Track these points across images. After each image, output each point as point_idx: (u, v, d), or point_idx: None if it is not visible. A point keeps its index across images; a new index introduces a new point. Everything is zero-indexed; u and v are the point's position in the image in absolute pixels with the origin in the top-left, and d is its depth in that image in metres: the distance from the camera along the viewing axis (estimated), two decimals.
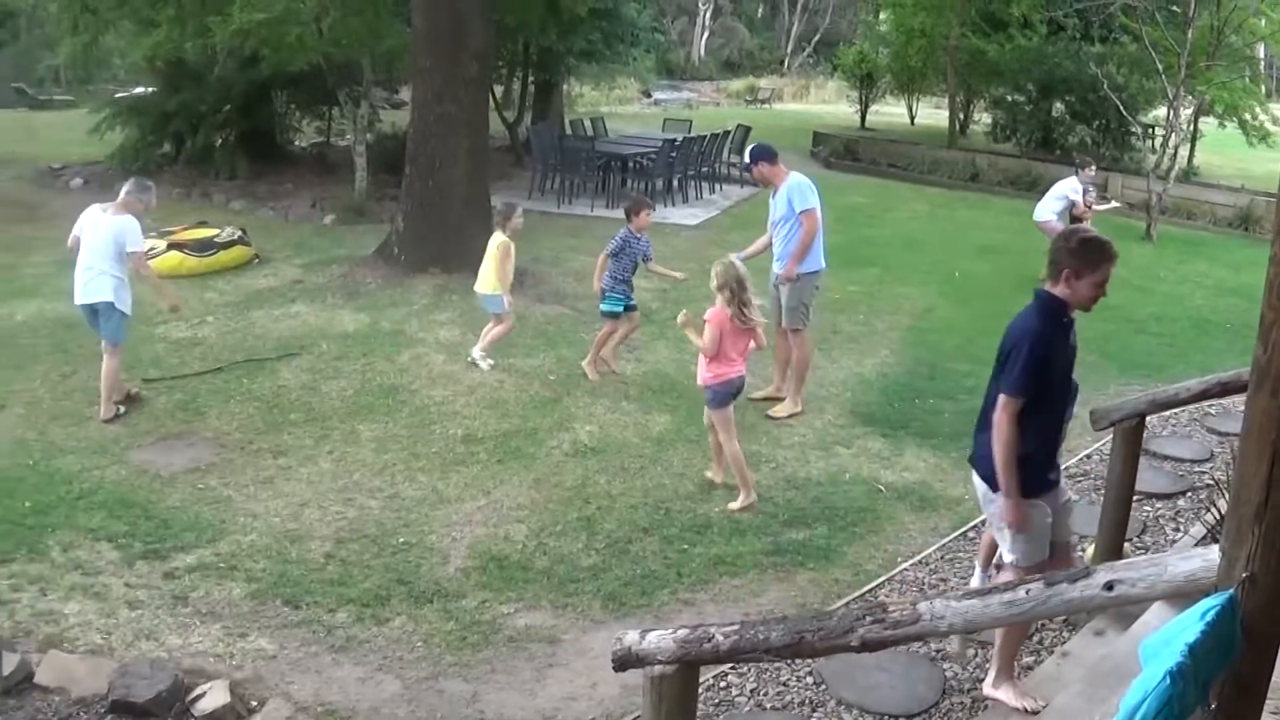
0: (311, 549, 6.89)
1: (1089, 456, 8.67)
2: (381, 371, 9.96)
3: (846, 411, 9.63)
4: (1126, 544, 6.51)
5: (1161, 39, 20.40)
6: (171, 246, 13.15)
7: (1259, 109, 23.15)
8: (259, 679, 5.56)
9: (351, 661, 5.76)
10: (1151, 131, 26.14)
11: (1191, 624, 2.85)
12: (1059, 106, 26.87)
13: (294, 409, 9.14)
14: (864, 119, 34.37)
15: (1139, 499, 7.14)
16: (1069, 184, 15.02)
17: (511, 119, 24.27)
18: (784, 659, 4.93)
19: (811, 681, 5.49)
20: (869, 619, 3.32)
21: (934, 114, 34.78)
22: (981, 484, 5.16)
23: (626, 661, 3.55)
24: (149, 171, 17.91)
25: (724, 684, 5.48)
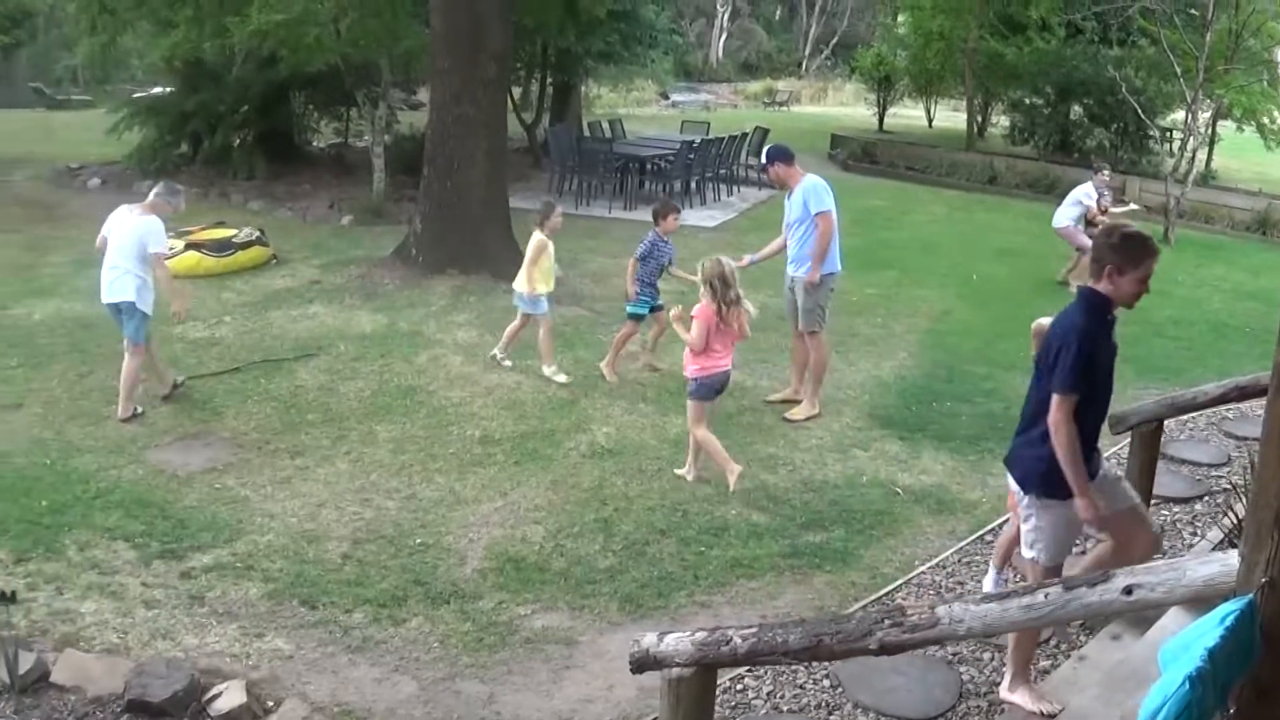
0: (328, 549, 6.90)
1: (1106, 460, 8.61)
2: (399, 372, 9.98)
3: (864, 414, 9.61)
4: None
5: (1180, 42, 20.34)
6: (189, 246, 13.20)
7: (1277, 113, 23.07)
8: (275, 679, 5.56)
9: (368, 662, 5.76)
10: (1169, 135, 26.06)
11: (1211, 629, 2.85)
12: (1077, 109, 26.79)
13: (311, 409, 9.16)
14: (882, 121, 34.37)
15: (1156, 503, 7.12)
16: (1084, 189, 14.99)
17: (530, 120, 24.34)
18: (802, 662, 4.93)
19: (828, 684, 5.47)
20: (887, 622, 3.33)
21: (952, 116, 34.66)
22: (1014, 485, 5.16)
23: (644, 664, 3.56)
24: (167, 172, 18.06)
25: (740, 686, 5.47)
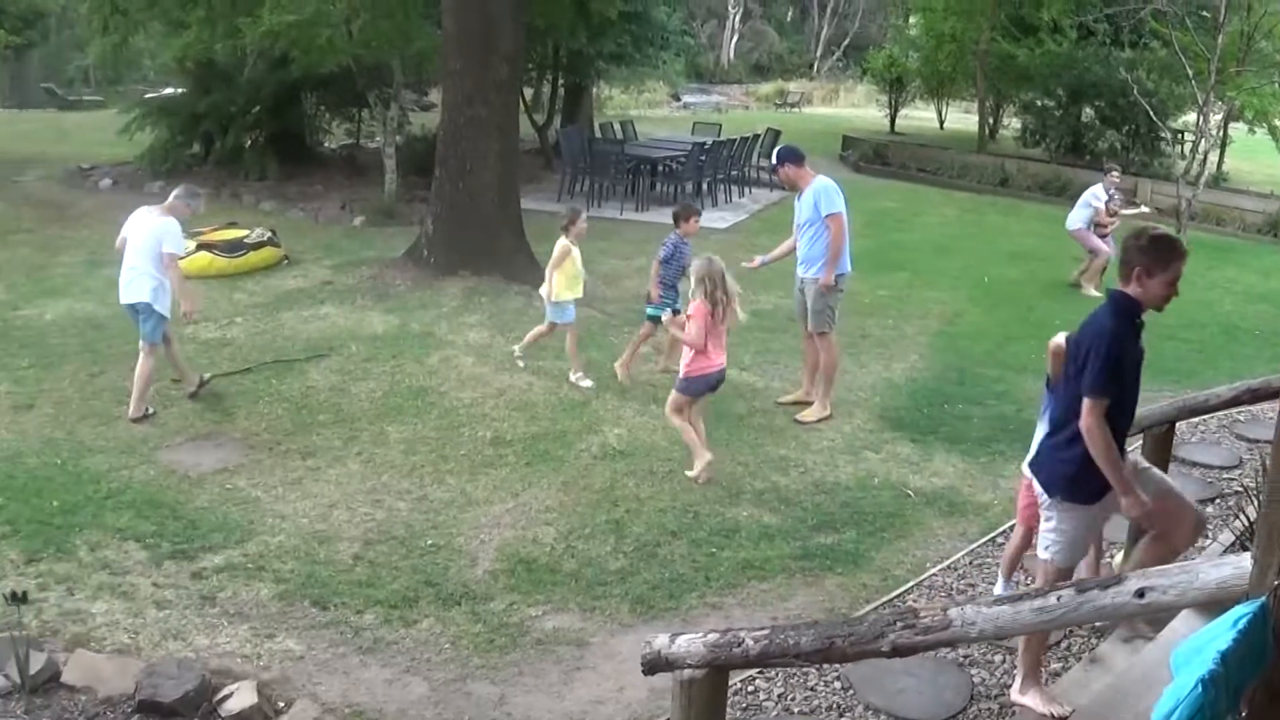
0: (340, 550, 6.91)
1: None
2: (410, 373, 9.99)
3: (875, 416, 9.60)
4: None
5: (1192, 44, 20.26)
6: (201, 247, 13.19)
7: None
8: (286, 680, 5.57)
9: (379, 663, 5.77)
10: (1181, 137, 25.95)
11: (1223, 631, 2.85)
12: (1089, 111, 26.71)
13: (323, 410, 9.17)
14: (893, 123, 34.31)
15: None
16: (1094, 190, 14.98)
17: (541, 122, 24.33)
18: (814, 664, 4.93)
19: (839, 686, 5.47)
20: (900, 624, 3.33)
21: (963, 118, 34.65)
22: (1038, 487, 5.15)
23: (656, 665, 3.56)
24: (178, 172, 18.12)
25: (751, 688, 5.47)
